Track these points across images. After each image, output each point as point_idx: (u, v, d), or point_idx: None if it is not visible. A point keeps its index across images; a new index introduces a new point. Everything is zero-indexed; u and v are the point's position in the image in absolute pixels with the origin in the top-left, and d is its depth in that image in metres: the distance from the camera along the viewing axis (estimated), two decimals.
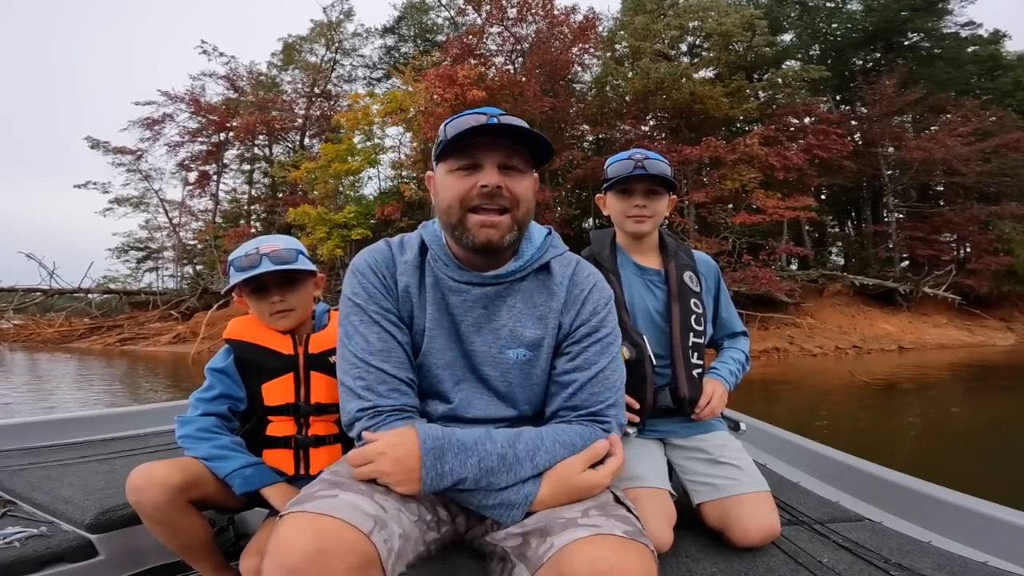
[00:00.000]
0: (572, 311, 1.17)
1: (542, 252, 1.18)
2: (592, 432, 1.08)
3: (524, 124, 1.08)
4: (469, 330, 1.14)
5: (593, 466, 1.04)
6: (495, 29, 20.81)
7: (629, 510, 1.02)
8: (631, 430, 1.53)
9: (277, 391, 1.44)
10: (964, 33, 24.69)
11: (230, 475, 1.31)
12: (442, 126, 1.15)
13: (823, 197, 24.33)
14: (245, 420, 1.47)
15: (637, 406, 1.54)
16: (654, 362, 1.57)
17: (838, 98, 25.07)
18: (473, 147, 1.07)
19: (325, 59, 27.68)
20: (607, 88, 21.80)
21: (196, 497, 1.30)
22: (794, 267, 21.04)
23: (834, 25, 25.05)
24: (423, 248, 1.18)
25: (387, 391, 1.08)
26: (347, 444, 1.46)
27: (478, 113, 1.09)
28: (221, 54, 26.36)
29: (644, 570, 0.87)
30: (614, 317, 1.21)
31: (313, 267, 1.52)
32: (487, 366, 1.15)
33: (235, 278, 1.45)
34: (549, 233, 1.23)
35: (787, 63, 23.75)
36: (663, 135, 21.23)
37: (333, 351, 1.45)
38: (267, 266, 1.43)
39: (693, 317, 1.65)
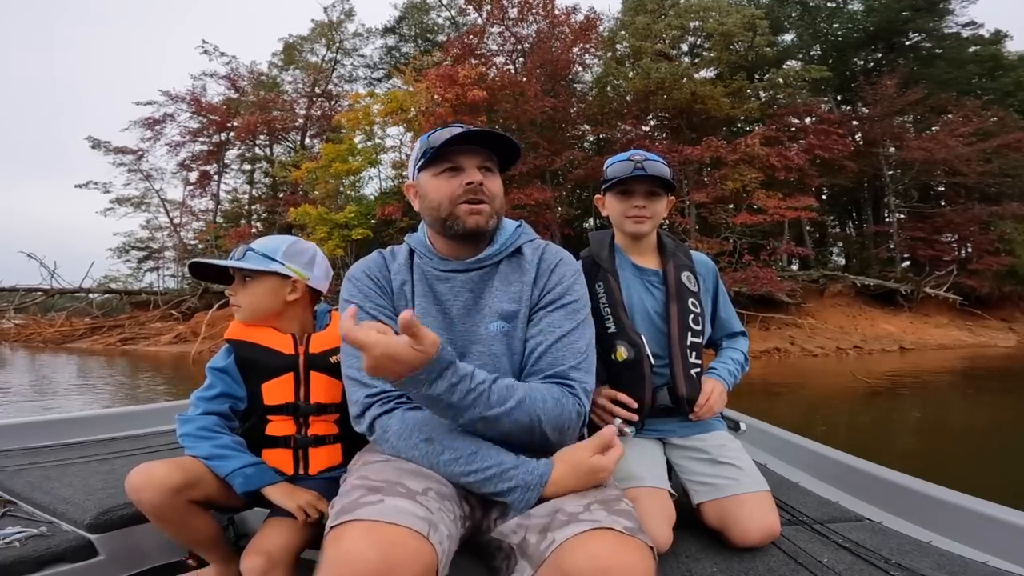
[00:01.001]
0: (541, 283, 1.28)
1: (515, 238, 1.32)
2: (563, 394, 1.14)
3: (493, 130, 1.24)
4: (460, 314, 1.26)
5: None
6: (496, 29, 20.78)
7: (630, 508, 1.03)
8: (629, 430, 1.53)
9: (277, 390, 1.44)
10: (965, 33, 24.65)
11: (231, 474, 1.31)
12: (421, 140, 1.29)
13: (824, 197, 24.29)
14: (245, 419, 1.47)
15: (635, 405, 1.54)
16: (652, 362, 1.57)
17: (839, 98, 25.04)
18: (454, 154, 1.24)
19: (326, 59, 27.67)
20: (608, 88, 21.78)
21: (196, 497, 1.30)
22: (795, 267, 21.02)
23: (835, 25, 25.02)
24: (411, 253, 1.34)
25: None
26: (347, 444, 1.47)
27: (454, 126, 1.24)
28: (222, 54, 26.32)
29: (643, 567, 0.88)
30: (582, 287, 1.31)
31: (252, 266, 1.47)
32: (476, 344, 1.24)
33: (203, 259, 1.53)
34: (519, 225, 1.38)
35: (788, 63, 23.70)
36: (664, 135, 21.23)
37: (333, 351, 1.46)
38: (231, 259, 1.49)
39: (691, 317, 1.65)
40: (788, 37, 25.53)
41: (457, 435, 1.08)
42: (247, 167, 28.15)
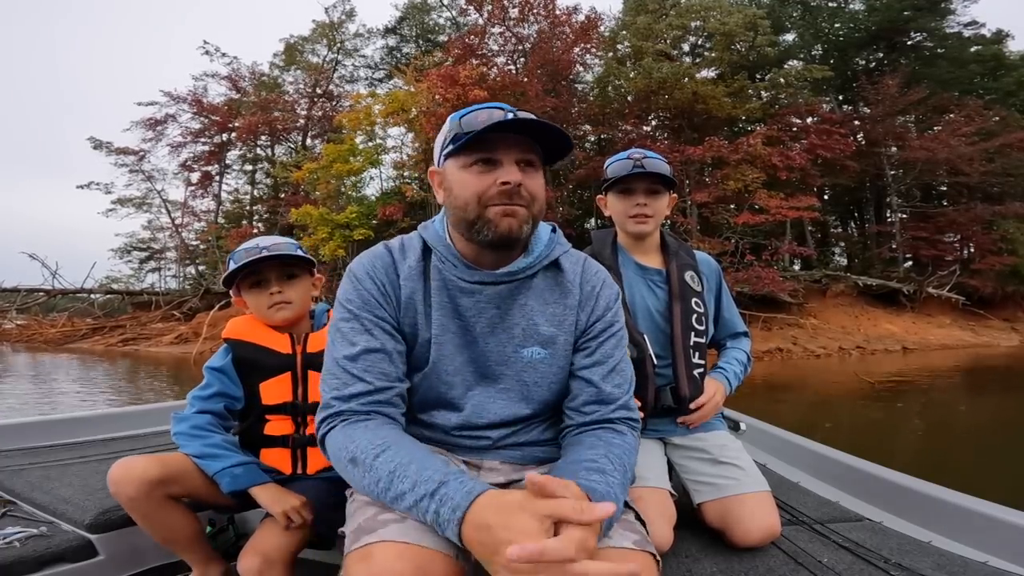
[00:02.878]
0: (588, 308, 1.15)
1: (551, 248, 1.15)
2: (632, 435, 1.10)
3: (540, 119, 1.01)
4: (483, 332, 1.10)
5: None
6: (497, 29, 20.81)
7: (637, 516, 1.00)
8: None
9: (275, 390, 1.45)
10: (967, 33, 24.58)
11: (218, 473, 1.31)
12: (451, 120, 1.07)
13: (826, 197, 24.24)
14: (243, 419, 1.47)
15: (638, 404, 1.53)
16: (655, 362, 1.56)
17: (841, 98, 25.03)
18: (490, 141, 1.02)
19: (327, 59, 27.71)
20: (609, 88, 21.81)
21: (177, 492, 1.32)
22: (797, 267, 21.00)
23: (836, 25, 25.00)
24: (426, 251, 1.13)
25: (360, 405, 1.01)
26: None
27: (492, 107, 1.03)
28: (223, 55, 26.46)
29: None
30: (622, 312, 1.21)
31: (310, 257, 1.55)
32: (501, 366, 1.10)
33: (232, 268, 1.47)
34: (554, 230, 1.20)
35: (789, 63, 23.69)
36: (665, 135, 21.21)
37: None
38: (265, 254, 1.46)
39: (694, 316, 1.64)
40: (789, 37, 25.50)
41: (381, 451, 0.91)
42: (248, 168, 28.22)
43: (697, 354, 1.63)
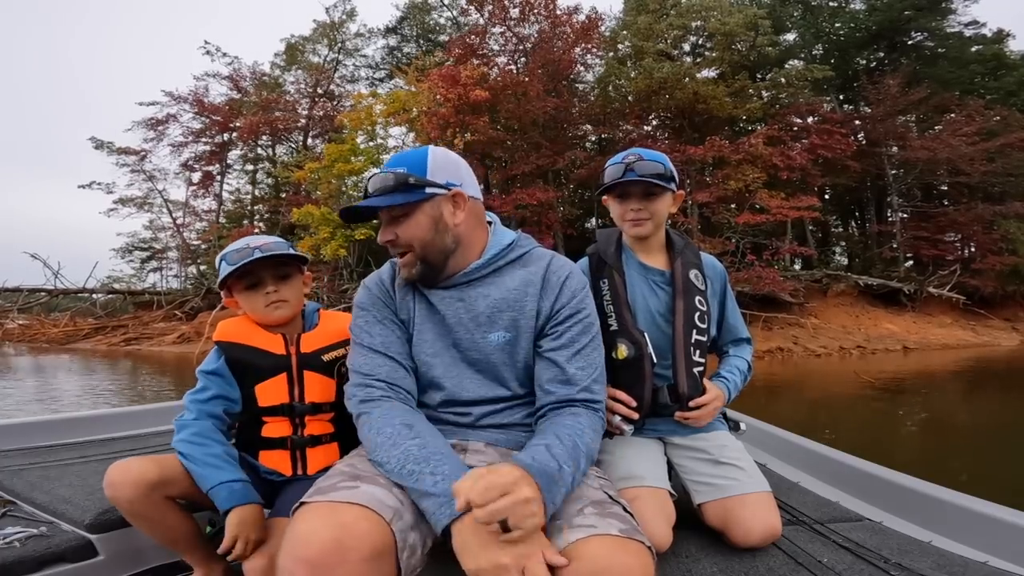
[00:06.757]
0: (551, 296, 1.28)
1: (507, 252, 1.32)
2: (592, 419, 1.18)
3: (380, 195, 1.24)
4: (452, 321, 1.28)
5: None
6: (497, 29, 20.79)
7: (624, 508, 1.03)
8: (628, 427, 1.52)
9: (271, 392, 1.44)
10: (968, 32, 24.50)
11: (213, 489, 1.28)
12: None
13: (827, 197, 24.23)
14: (239, 422, 1.47)
15: (634, 403, 1.53)
16: (654, 360, 1.56)
17: (841, 97, 25.00)
18: (380, 220, 1.31)
19: (328, 59, 27.72)
20: (610, 88, 21.77)
21: (175, 494, 1.31)
22: (798, 267, 20.98)
23: (837, 24, 24.95)
24: None
25: (385, 373, 1.23)
26: (343, 443, 1.47)
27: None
28: (224, 54, 26.50)
29: (641, 567, 0.89)
30: (591, 301, 1.33)
31: (304, 255, 1.54)
32: (472, 351, 1.27)
33: (227, 271, 1.45)
34: (516, 237, 1.37)
35: (790, 63, 23.67)
36: (666, 135, 21.20)
37: (325, 350, 1.47)
38: (259, 255, 1.44)
39: (697, 314, 1.63)
40: (790, 37, 25.46)
41: (424, 431, 1.11)
42: (249, 167, 28.24)
43: (697, 352, 1.61)
